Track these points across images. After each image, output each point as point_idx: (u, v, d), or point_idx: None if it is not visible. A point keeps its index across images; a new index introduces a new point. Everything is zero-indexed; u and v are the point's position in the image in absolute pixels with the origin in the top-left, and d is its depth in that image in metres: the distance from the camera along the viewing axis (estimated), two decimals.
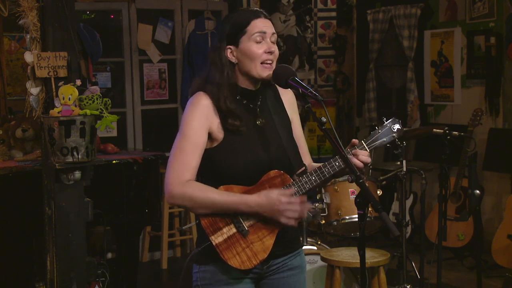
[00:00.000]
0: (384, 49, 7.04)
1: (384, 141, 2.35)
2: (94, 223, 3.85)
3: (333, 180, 3.65)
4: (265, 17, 2.36)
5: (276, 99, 2.46)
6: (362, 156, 2.27)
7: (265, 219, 2.28)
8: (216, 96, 2.31)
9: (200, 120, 2.29)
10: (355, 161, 2.26)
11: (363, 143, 2.32)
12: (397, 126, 2.35)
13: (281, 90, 2.48)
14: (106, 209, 4.05)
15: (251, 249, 2.28)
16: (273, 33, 2.35)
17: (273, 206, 2.23)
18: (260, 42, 2.32)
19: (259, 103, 2.40)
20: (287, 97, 2.48)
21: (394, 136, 2.35)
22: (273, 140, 2.37)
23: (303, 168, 2.34)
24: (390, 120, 2.36)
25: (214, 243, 2.26)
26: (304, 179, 2.29)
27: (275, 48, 2.34)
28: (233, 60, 2.35)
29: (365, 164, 2.27)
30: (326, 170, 2.28)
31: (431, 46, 6.47)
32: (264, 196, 2.24)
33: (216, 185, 2.28)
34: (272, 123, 2.40)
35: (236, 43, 2.34)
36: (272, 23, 2.39)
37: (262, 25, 2.33)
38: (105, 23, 6.41)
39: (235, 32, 2.34)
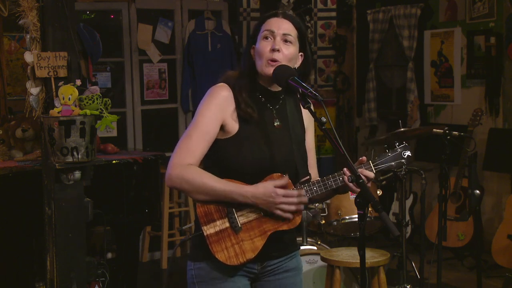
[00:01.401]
0: (384, 49, 7.04)
1: (392, 165, 2.37)
2: (94, 223, 3.85)
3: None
4: (284, 17, 2.37)
5: (295, 107, 2.48)
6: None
7: (260, 219, 2.29)
8: (237, 87, 2.35)
9: (214, 110, 2.31)
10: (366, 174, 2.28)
11: (371, 163, 2.34)
12: (407, 153, 2.37)
13: None
14: (106, 209, 4.05)
15: (240, 247, 2.28)
16: (285, 34, 2.34)
17: (269, 197, 2.24)
18: (267, 39, 2.33)
19: (278, 106, 2.42)
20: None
21: (403, 162, 2.37)
22: (284, 144, 2.37)
23: (307, 177, 2.35)
24: (402, 146, 2.38)
25: (205, 234, 2.27)
26: (305, 188, 2.29)
27: (282, 47, 2.33)
28: (254, 58, 2.39)
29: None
30: (329, 182, 2.29)
31: (431, 46, 6.47)
32: (261, 188, 2.25)
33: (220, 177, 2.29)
34: (287, 128, 2.41)
35: (255, 42, 2.39)
36: (295, 24, 2.38)
37: (273, 24, 2.35)
38: (105, 23, 6.41)
39: (254, 32, 2.40)
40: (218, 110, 2.31)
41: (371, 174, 2.29)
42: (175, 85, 6.44)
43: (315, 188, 2.29)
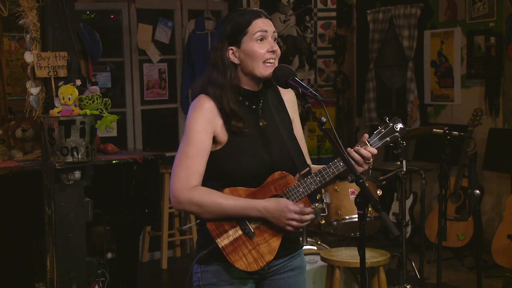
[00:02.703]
0: (384, 49, 7.04)
1: (388, 140, 2.35)
2: (94, 223, 3.85)
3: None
4: (266, 16, 2.36)
5: (277, 99, 2.46)
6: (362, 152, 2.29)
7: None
8: (219, 98, 2.30)
9: (204, 124, 2.29)
10: (363, 152, 2.27)
11: (367, 142, 2.33)
12: (399, 125, 2.36)
13: (282, 90, 2.47)
14: (106, 209, 4.05)
15: (257, 251, 2.28)
16: (274, 32, 2.35)
17: (281, 212, 2.23)
18: (262, 41, 2.31)
19: (260, 104, 2.40)
20: (288, 97, 2.48)
21: (397, 135, 2.35)
22: (276, 140, 2.37)
23: (307, 168, 2.34)
24: (393, 119, 2.37)
25: (220, 246, 2.26)
26: (309, 180, 2.29)
27: (277, 47, 2.34)
28: (236, 61, 2.34)
29: (366, 158, 2.28)
30: (331, 170, 2.28)
31: (431, 46, 6.47)
32: (273, 201, 2.25)
33: (221, 187, 2.28)
34: (274, 124, 2.39)
35: (237, 43, 2.33)
36: (272, 23, 2.39)
37: (263, 24, 2.32)
38: (105, 23, 6.41)
39: (236, 33, 2.33)
40: (207, 122, 2.29)
41: (374, 150, 2.29)
42: (175, 85, 6.44)
43: (318, 179, 2.28)
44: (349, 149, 2.29)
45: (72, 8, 3.44)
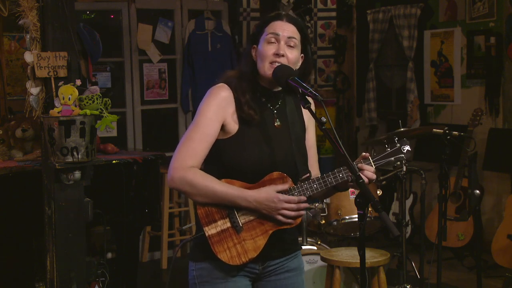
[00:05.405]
0: (384, 49, 7.04)
1: (391, 160, 2.38)
2: (94, 223, 3.84)
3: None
4: (288, 20, 2.37)
5: (295, 105, 2.48)
6: (367, 172, 2.30)
7: (261, 218, 2.29)
8: (236, 87, 2.34)
9: (215, 111, 2.31)
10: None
11: (370, 159, 2.34)
12: (407, 148, 2.38)
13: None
14: (106, 209, 4.05)
15: (242, 246, 2.29)
16: (290, 37, 2.34)
17: (271, 203, 2.25)
18: (272, 43, 2.33)
19: (278, 105, 2.42)
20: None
21: (402, 156, 2.38)
22: (284, 143, 2.38)
23: (307, 174, 2.35)
24: (401, 140, 2.39)
25: (207, 234, 2.28)
26: (305, 185, 2.30)
27: (286, 52, 2.33)
28: (255, 59, 2.38)
29: (369, 180, 2.29)
30: (329, 179, 2.30)
31: (431, 46, 6.47)
32: (263, 193, 2.26)
33: (219, 178, 2.30)
34: (286, 127, 2.41)
35: (257, 42, 2.38)
36: (299, 28, 2.38)
37: (278, 27, 2.34)
38: (105, 23, 6.41)
39: (257, 32, 2.39)
40: (218, 110, 2.31)
41: (372, 169, 2.31)
42: (175, 85, 6.44)
43: (315, 186, 2.30)
44: (360, 164, 2.31)
45: (72, 8, 3.44)
